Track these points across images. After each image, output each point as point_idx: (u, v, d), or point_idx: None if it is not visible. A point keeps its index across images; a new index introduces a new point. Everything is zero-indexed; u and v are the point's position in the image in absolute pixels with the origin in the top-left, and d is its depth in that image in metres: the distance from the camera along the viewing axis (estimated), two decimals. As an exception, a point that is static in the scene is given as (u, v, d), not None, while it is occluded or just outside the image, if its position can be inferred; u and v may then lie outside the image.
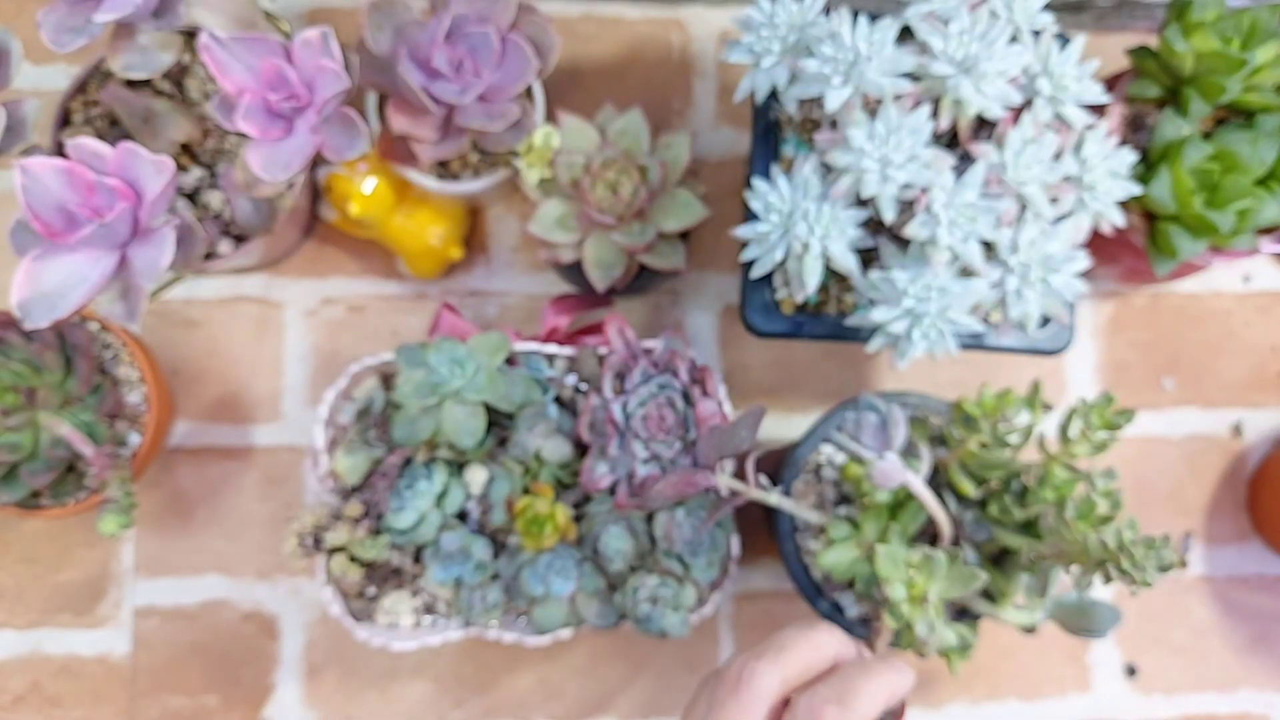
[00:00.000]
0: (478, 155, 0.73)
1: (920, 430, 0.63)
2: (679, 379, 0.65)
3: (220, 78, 0.61)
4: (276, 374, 0.77)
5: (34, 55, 0.76)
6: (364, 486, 0.66)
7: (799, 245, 0.58)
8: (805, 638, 0.46)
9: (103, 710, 0.74)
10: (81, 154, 0.59)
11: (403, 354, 0.64)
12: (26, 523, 0.75)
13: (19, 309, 0.57)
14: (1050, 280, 0.56)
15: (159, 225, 0.59)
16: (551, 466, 0.66)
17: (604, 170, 0.67)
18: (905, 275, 0.56)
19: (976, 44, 0.55)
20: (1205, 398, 0.79)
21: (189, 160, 0.72)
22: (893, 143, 0.55)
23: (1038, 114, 0.57)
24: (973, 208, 0.55)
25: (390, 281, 0.78)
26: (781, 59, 0.59)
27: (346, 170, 0.71)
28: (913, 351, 0.56)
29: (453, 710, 0.75)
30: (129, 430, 0.71)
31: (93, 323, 0.71)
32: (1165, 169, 0.65)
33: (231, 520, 0.76)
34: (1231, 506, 0.79)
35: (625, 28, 0.82)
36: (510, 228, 0.79)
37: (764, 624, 0.77)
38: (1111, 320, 0.80)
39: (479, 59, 0.66)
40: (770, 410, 0.78)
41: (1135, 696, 0.77)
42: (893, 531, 0.59)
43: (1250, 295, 0.80)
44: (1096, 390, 0.79)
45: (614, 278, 0.69)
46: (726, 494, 0.59)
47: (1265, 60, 0.64)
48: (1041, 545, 0.55)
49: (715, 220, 0.75)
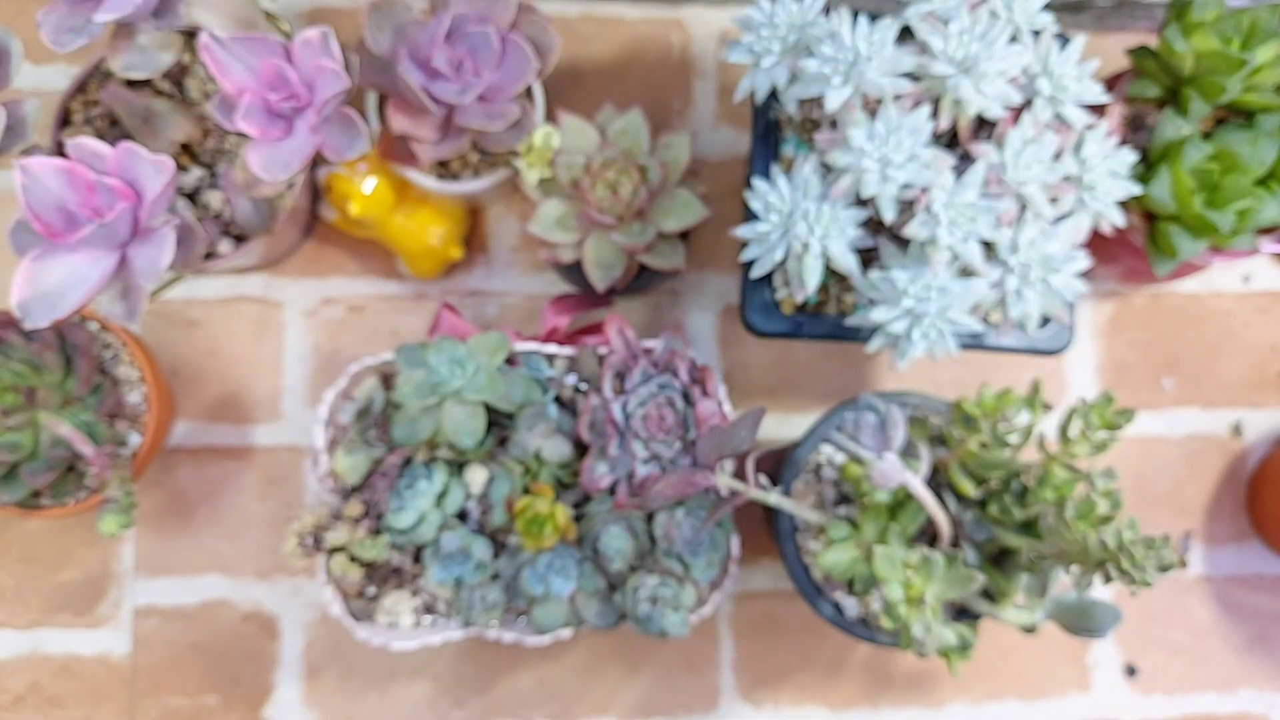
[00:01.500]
0: (478, 155, 0.73)
1: (920, 430, 0.63)
2: (679, 379, 0.65)
3: (220, 78, 0.61)
4: (276, 374, 0.77)
5: (34, 55, 0.76)
6: (364, 486, 0.66)
7: (799, 245, 0.58)
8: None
9: (103, 710, 0.74)
10: (81, 154, 0.59)
11: (403, 354, 0.64)
12: (27, 522, 0.75)
13: (19, 309, 0.57)
14: (1050, 280, 0.56)
15: (159, 225, 0.59)
16: (551, 466, 0.66)
17: (604, 170, 0.67)
18: (905, 275, 0.56)
19: (976, 44, 0.55)
20: (1205, 398, 0.79)
21: (189, 160, 0.72)
22: (893, 143, 0.55)
23: (1038, 114, 0.57)
24: (973, 208, 0.55)
25: (390, 281, 0.78)
26: (781, 59, 0.59)
27: (346, 170, 0.71)
28: (913, 351, 0.56)
29: (453, 710, 0.75)
30: (129, 430, 0.71)
31: (93, 323, 0.71)
32: (1165, 169, 0.65)
33: (231, 520, 0.76)
34: (1231, 506, 0.79)
35: (625, 28, 0.82)
36: (510, 228, 0.79)
37: (764, 624, 0.77)
38: (1111, 320, 0.80)
39: (479, 59, 0.66)
40: (770, 410, 0.78)
41: (1135, 697, 0.77)
42: (892, 531, 0.59)
43: (1250, 295, 0.80)
44: (1096, 390, 0.79)
45: (614, 278, 0.69)
46: (726, 494, 0.59)
47: (1265, 60, 0.64)
48: (1041, 545, 0.55)
49: (715, 220, 0.75)
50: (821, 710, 0.76)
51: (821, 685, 0.76)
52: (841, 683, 0.76)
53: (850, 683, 0.77)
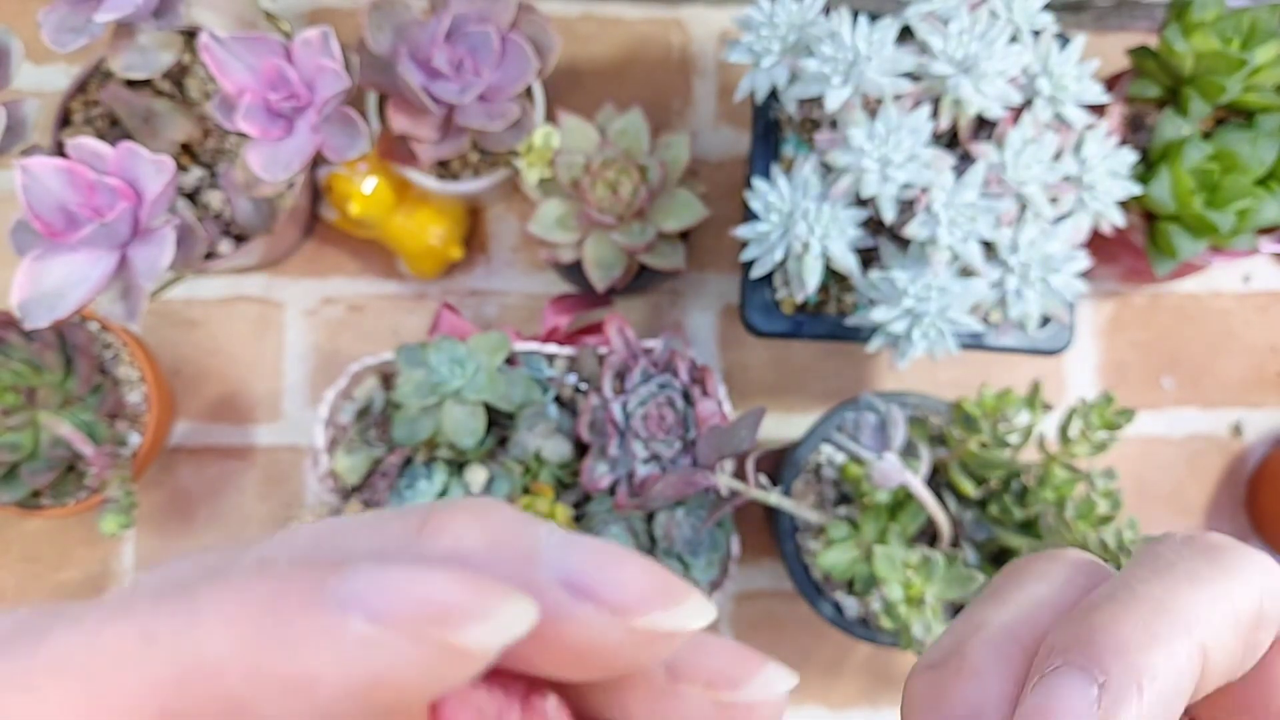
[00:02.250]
0: (478, 155, 0.73)
1: (920, 430, 0.63)
2: (679, 379, 0.65)
3: (220, 78, 0.61)
4: (276, 374, 0.77)
5: (34, 55, 0.76)
6: (364, 486, 0.66)
7: (799, 245, 0.58)
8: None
9: (103, 710, 0.74)
10: (82, 154, 0.59)
11: (403, 354, 0.64)
12: (27, 522, 0.75)
13: (19, 309, 0.57)
14: (1050, 280, 0.56)
15: (159, 225, 0.59)
16: (551, 466, 0.66)
17: (604, 170, 0.67)
18: (905, 275, 0.56)
19: (976, 44, 0.55)
20: (1205, 398, 0.79)
21: (189, 160, 0.72)
22: (893, 142, 0.55)
23: (1038, 114, 0.57)
24: (973, 208, 0.55)
25: (390, 281, 0.78)
26: (781, 59, 0.59)
27: (346, 170, 0.71)
28: (913, 351, 0.56)
29: (453, 710, 0.75)
30: (129, 430, 0.71)
31: (93, 322, 0.71)
32: (1165, 169, 0.65)
33: (232, 520, 0.76)
34: (1231, 506, 0.79)
35: (625, 28, 0.82)
36: (510, 228, 0.79)
37: (764, 624, 0.77)
38: (1111, 320, 0.80)
39: (479, 59, 0.66)
40: (770, 410, 0.78)
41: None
42: (892, 531, 0.59)
43: (1250, 295, 0.80)
44: (1096, 390, 0.79)
45: (614, 278, 0.69)
46: (726, 494, 0.59)
47: (1265, 60, 0.64)
48: (1042, 545, 0.55)
49: (715, 220, 0.75)
50: (821, 710, 0.76)
51: (821, 685, 0.76)
52: (841, 683, 0.76)
53: (850, 683, 0.76)
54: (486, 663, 0.14)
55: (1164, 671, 0.18)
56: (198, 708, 0.13)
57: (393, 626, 0.13)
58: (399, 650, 0.13)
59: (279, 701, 0.13)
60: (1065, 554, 0.22)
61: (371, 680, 0.13)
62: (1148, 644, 0.18)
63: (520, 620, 0.14)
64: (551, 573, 0.15)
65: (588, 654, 0.15)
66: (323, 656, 0.13)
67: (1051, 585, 0.21)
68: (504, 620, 0.13)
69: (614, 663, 0.15)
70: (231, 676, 0.13)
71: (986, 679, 0.20)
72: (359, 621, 0.13)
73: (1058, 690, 0.18)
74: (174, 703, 0.13)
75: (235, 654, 0.13)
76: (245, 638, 0.13)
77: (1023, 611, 0.21)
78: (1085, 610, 0.19)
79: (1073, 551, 0.23)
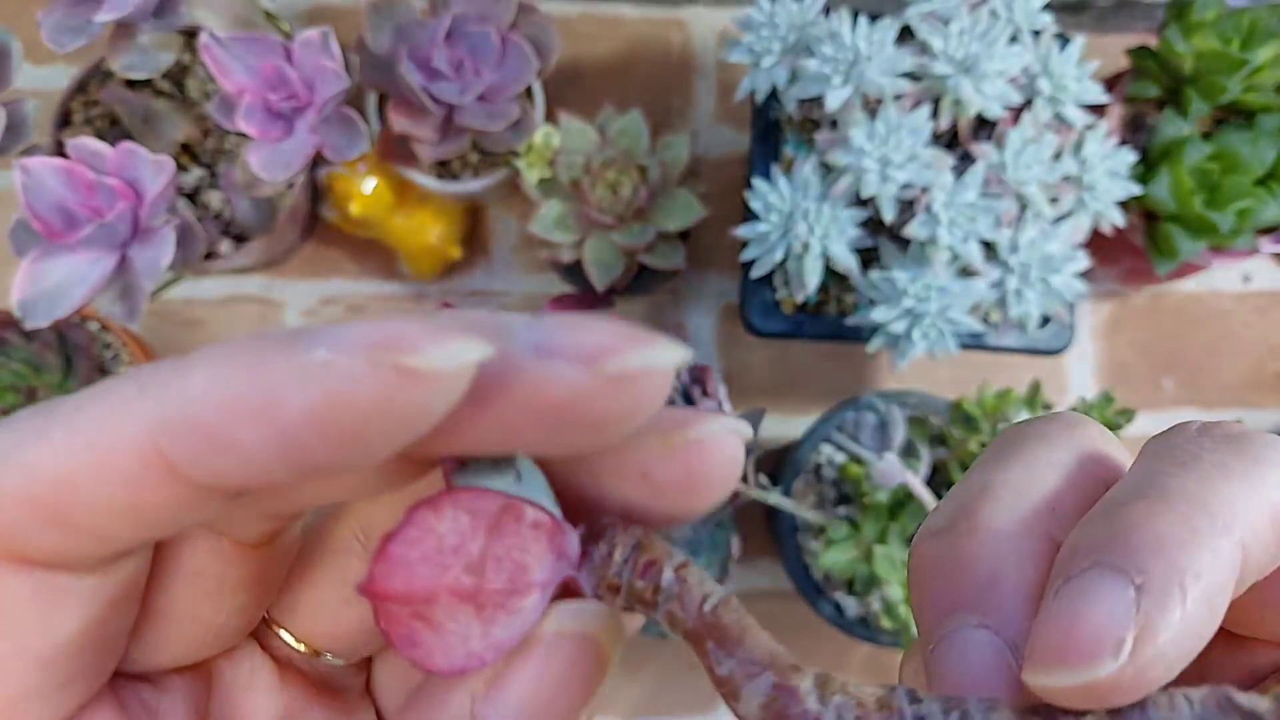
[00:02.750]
0: (478, 155, 0.73)
1: (920, 430, 0.63)
2: (679, 378, 0.65)
3: (220, 78, 0.61)
4: (276, 374, 0.77)
5: (34, 55, 0.76)
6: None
7: (799, 245, 0.58)
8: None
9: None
10: (81, 154, 0.59)
11: (403, 354, 0.64)
12: (26, 522, 0.75)
13: (19, 309, 0.57)
14: (1050, 280, 0.56)
15: (159, 225, 0.59)
16: (551, 466, 0.66)
17: (604, 170, 0.67)
18: (905, 275, 0.56)
19: (976, 44, 0.55)
20: (1205, 398, 0.79)
21: (189, 160, 0.72)
22: (893, 143, 0.55)
23: (1038, 114, 0.57)
24: (973, 208, 0.55)
25: (390, 282, 0.78)
26: (781, 59, 0.59)
27: (346, 170, 0.71)
28: (913, 351, 0.56)
29: (453, 710, 0.75)
30: (129, 430, 0.71)
31: (93, 322, 0.71)
32: (1165, 169, 0.65)
33: (231, 520, 0.76)
34: (1231, 506, 0.79)
35: (625, 28, 0.82)
36: (510, 228, 0.79)
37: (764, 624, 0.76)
38: (1111, 320, 0.80)
39: (479, 59, 0.66)
40: (770, 410, 0.78)
41: (1135, 696, 0.77)
42: (892, 531, 0.59)
43: (1250, 295, 0.80)
44: (1096, 390, 0.79)
45: (614, 278, 0.69)
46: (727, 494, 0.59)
47: (1265, 60, 0.64)
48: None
49: (715, 220, 0.75)
50: (821, 710, 0.76)
51: (821, 685, 0.76)
52: (841, 683, 0.76)
53: (850, 683, 0.76)
54: (444, 398, 0.14)
55: (1209, 569, 0.16)
56: (182, 441, 0.14)
57: (351, 354, 0.14)
58: (355, 371, 0.14)
59: (249, 429, 0.14)
60: (1063, 416, 0.21)
61: (328, 401, 0.14)
62: (1189, 541, 0.16)
63: (471, 351, 0.14)
64: (522, 341, 0.15)
65: (566, 411, 0.15)
66: (285, 380, 0.14)
67: (1055, 448, 0.20)
68: (455, 349, 0.14)
69: (593, 416, 0.15)
70: (207, 409, 0.14)
71: (1001, 538, 0.19)
72: (321, 350, 0.14)
73: (1091, 592, 0.16)
74: (164, 440, 0.14)
75: (212, 390, 0.14)
76: (223, 378, 0.14)
77: (1030, 471, 0.20)
78: (1111, 506, 0.18)
79: (1070, 414, 0.22)
